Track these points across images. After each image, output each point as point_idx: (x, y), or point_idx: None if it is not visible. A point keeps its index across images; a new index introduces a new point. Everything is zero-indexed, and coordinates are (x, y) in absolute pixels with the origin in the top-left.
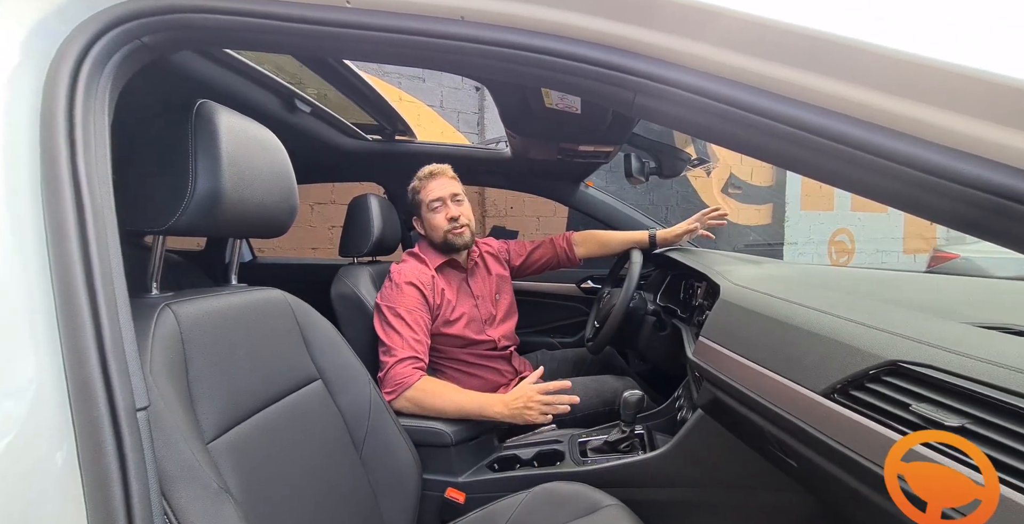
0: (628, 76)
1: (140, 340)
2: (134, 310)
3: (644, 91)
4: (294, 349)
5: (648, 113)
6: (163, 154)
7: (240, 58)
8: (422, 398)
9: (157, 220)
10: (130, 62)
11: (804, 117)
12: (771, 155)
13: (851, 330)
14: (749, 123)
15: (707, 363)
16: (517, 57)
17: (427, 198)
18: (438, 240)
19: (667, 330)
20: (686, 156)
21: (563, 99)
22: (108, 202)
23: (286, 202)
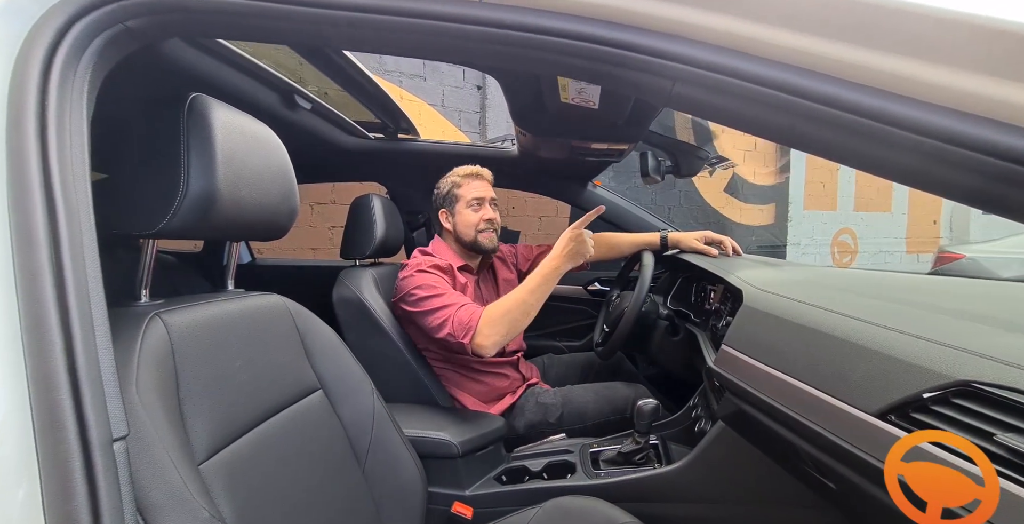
0: (668, 62)
1: (126, 353)
2: (121, 320)
3: (685, 79)
4: (294, 358)
5: (687, 103)
6: (153, 151)
7: (237, 51)
8: (494, 322)
9: (146, 222)
10: (113, 48)
11: (866, 102)
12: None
13: (908, 345)
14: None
15: (730, 373)
16: (543, 43)
17: (468, 195)
18: (468, 239)
19: (680, 335)
20: (704, 154)
21: (581, 93)
22: (85, 204)
23: (285, 203)
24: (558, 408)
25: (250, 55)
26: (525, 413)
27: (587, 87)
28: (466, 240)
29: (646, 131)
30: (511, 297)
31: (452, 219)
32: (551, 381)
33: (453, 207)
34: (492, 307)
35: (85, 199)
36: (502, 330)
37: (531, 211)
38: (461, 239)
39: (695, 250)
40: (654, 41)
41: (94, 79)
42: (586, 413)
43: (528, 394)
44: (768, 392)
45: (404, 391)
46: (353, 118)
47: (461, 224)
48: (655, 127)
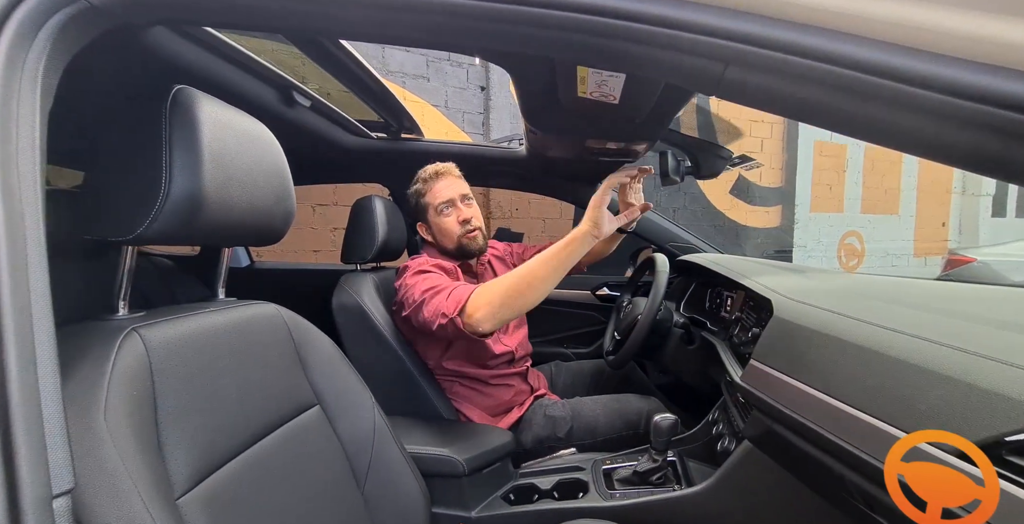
0: (720, 41)
1: (95, 374)
2: (93, 336)
3: (740, 60)
4: (289, 372)
5: (739, 91)
6: (132, 149)
7: (232, 43)
8: (490, 291)
9: (123, 227)
10: (75, 29)
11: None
12: (904, 139)
13: (994, 372)
14: (894, 97)
15: (760, 390)
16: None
17: (435, 201)
18: (451, 246)
19: (695, 343)
20: (727, 153)
21: (601, 86)
22: (32, 208)
23: (280, 205)
24: (567, 422)
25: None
26: (533, 427)
27: (609, 79)
28: (450, 248)
29: (666, 129)
30: (517, 269)
31: (430, 230)
32: (559, 391)
33: (426, 217)
34: (492, 281)
35: (33, 203)
36: (496, 299)
37: (535, 213)
38: (445, 248)
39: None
40: (704, 16)
41: (52, 64)
42: (597, 427)
43: (536, 406)
44: (807, 414)
45: (407, 404)
46: (355, 117)
47: (439, 233)
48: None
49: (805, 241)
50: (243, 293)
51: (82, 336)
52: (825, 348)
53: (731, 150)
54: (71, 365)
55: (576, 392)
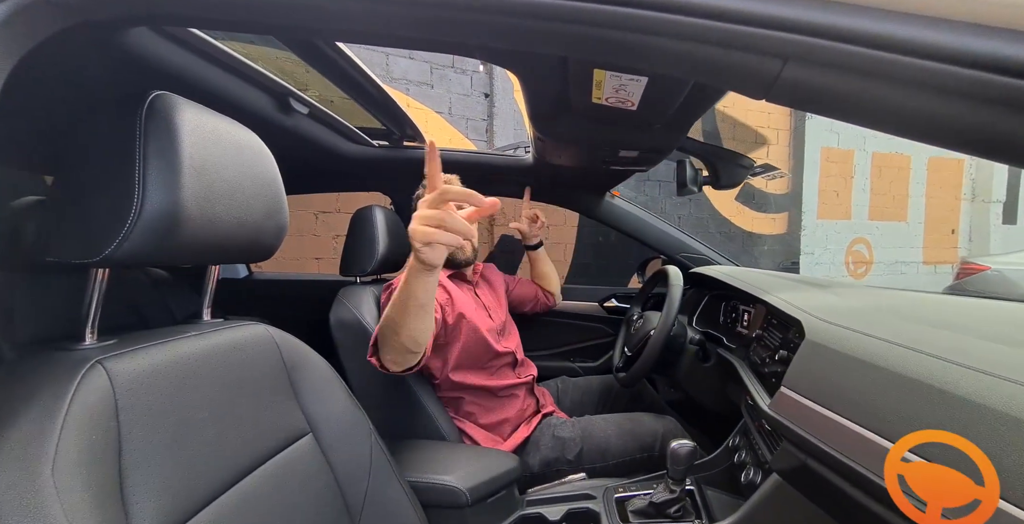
0: (778, 33)
1: (45, 418)
2: (51, 371)
3: (801, 56)
4: (279, 400)
5: (796, 92)
6: (102, 160)
7: (223, 48)
8: (380, 338)
9: (89, 248)
10: (23, 24)
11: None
12: None
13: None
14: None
15: (792, 420)
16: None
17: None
18: None
19: (711, 361)
20: (748, 163)
21: (618, 91)
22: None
23: (272, 220)
24: (577, 443)
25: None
26: (540, 448)
27: (629, 83)
28: None
29: (684, 136)
30: (385, 314)
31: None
32: (566, 408)
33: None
34: (380, 322)
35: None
36: (384, 349)
37: None
38: None
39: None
40: (761, 4)
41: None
42: (608, 449)
43: (544, 426)
44: (844, 449)
45: (407, 425)
46: (358, 125)
47: None
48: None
49: (812, 248)
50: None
51: (38, 371)
52: (864, 376)
53: (752, 159)
54: (20, 408)
55: (584, 410)
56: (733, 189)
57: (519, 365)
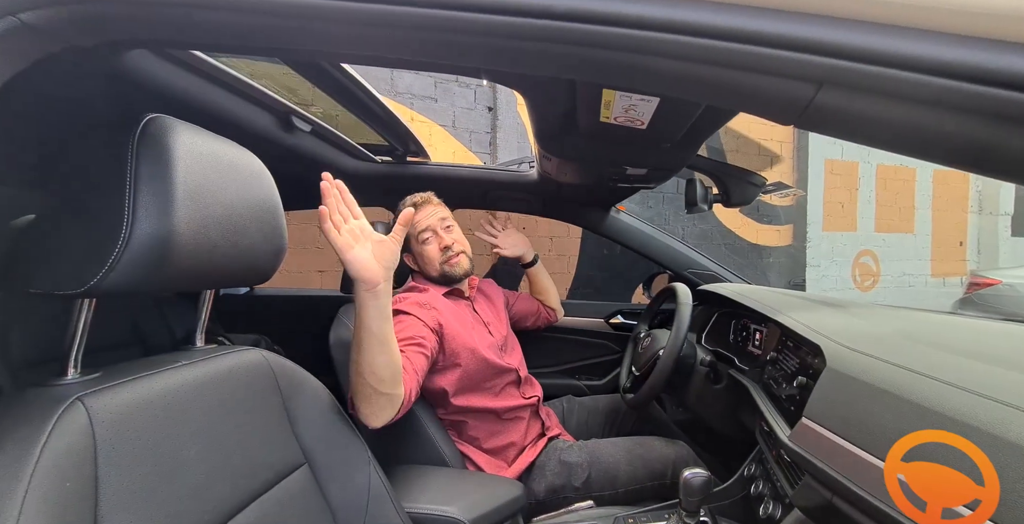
0: (814, 58)
1: (16, 466)
2: (27, 409)
3: (838, 80)
4: (274, 430)
5: (829, 118)
6: (91, 186)
7: (223, 68)
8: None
9: (74, 279)
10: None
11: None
12: None
13: None
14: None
15: (815, 455)
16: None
17: (415, 231)
18: (435, 273)
19: (723, 383)
20: (759, 180)
21: (628, 111)
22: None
23: (269, 243)
24: (584, 469)
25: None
26: (546, 474)
27: (640, 103)
28: (435, 275)
29: (694, 155)
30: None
31: (415, 260)
32: (572, 430)
33: (409, 247)
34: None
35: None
36: (358, 401)
37: (543, 232)
38: (429, 276)
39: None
40: (796, 26)
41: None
42: (618, 476)
43: (550, 450)
44: (872, 489)
45: (408, 450)
46: (362, 141)
47: (423, 262)
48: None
49: (818, 260)
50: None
51: (13, 410)
52: (892, 410)
53: (764, 177)
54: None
55: (591, 431)
56: None
57: (523, 383)
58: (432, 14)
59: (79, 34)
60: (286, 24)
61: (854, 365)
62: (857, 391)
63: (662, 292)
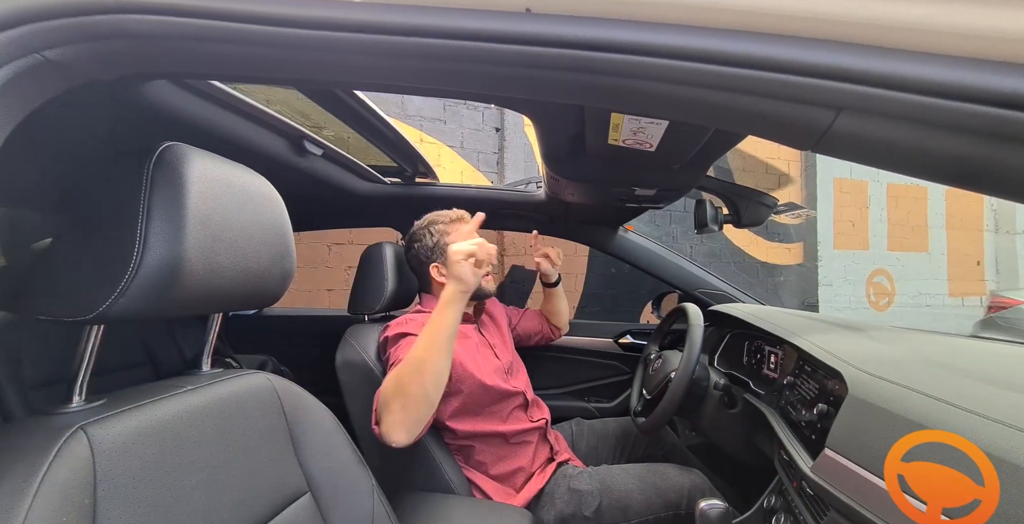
0: (832, 83)
1: (18, 494)
2: (28, 439)
3: (857, 106)
4: (278, 457)
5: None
6: (105, 216)
7: (238, 96)
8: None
9: (82, 306)
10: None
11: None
12: None
13: None
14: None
15: (841, 490)
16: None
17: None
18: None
19: (738, 407)
20: (771, 201)
21: (637, 134)
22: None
23: (278, 266)
24: (595, 497)
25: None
26: (555, 502)
27: (648, 126)
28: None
29: (703, 176)
30: (403, 359)
31: (442, 273)
32: (581, 455)
33: (444, 258)
34: (386, 379)
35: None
36: (396, 405)
37: None
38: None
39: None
40: (813, 53)
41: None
42: (630, 506)
43: (559, 476)
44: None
45: (413, 477)
46: (373, 163)
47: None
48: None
49: (831, 279)
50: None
51: (15, 439)
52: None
53: (775, 197)
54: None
55: (601, 456)
56: None
57: (531, 406)
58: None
59: (100, 69)
60: (299, 55)
61: (877, 393)
62: (883, 421)
63: (672, 312)
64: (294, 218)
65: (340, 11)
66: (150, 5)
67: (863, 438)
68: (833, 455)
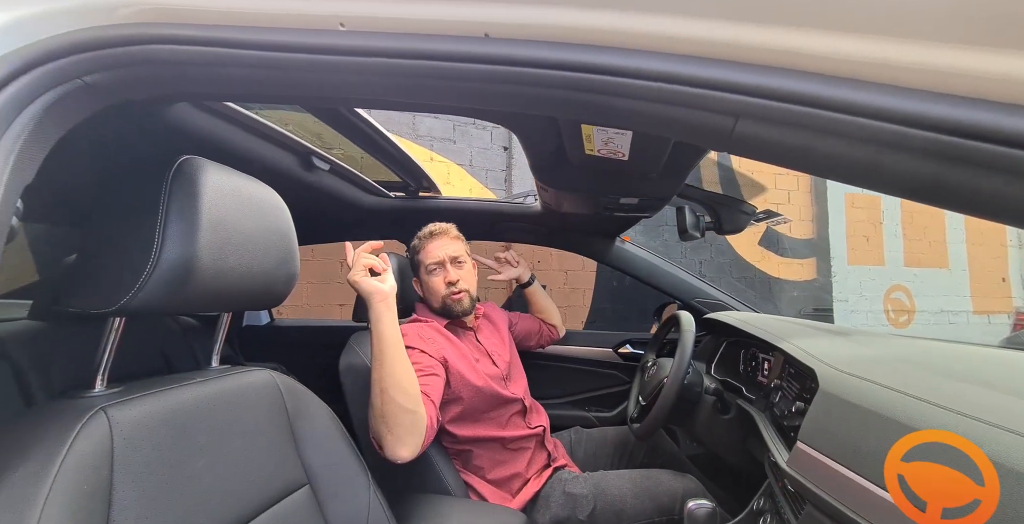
0: (729, 95)
1: (42, 466)
2: (55, 418)
3: (750, 113)
4: (279, 448)
5: (750, 145)
6: (128, 217)
7: (249, 114)
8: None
9: (105, 299)
10: (69, 106)
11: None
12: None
13: None
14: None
15: (811, 480)
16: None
17: (426, 260)
18: (436, 305)
19: (731, 413)
20: (749, 209)
21: (608, 143)
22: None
23: (283, 268)
24: (589, 501)
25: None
26: (550, 505)
27: (615, 137)
28: (436, 307)
29: (682, 184)
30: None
31: (421, 287)
32: (579, 462)
33: (418, 273)
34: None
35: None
36: (383, 428)
37: (556, 265)
38: (432, 306)
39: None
40: (712, 70)
41: (37, 138)
42: (624, 510)
43: (554, 480)
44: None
45: (410, 476)
46: (379, 178)
47: (427, 291)
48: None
49: (846, 295)
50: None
51: (45, 418)
52: (882, 432)
53: (754, 205)
54: (20, 454)
55: (599, 463)
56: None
57: (528, 412)
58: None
59: (131, 90)
60: (299, 76)
61: (846, 387)
62: (848, 413)
63: (667, 320)
64: (303, 231)
65: (331, 38)
66: (173, 36)
67: (832, 431)
68: (805, 448)
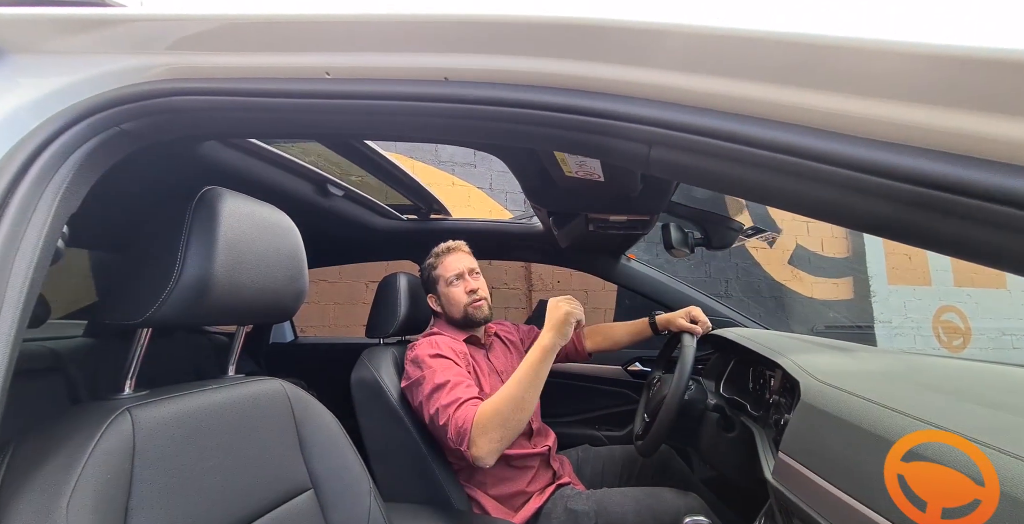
0: (638, 126)
1: (72, 458)
2: (86, 417)
3: (660, 141)
4: (285, 453)
5: (665, 167)
6: (156, 243)
7: (268, 148)
8: (485, 428)
9: (134, 312)
10: (109, 149)
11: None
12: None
13: None
14: (770, 164)
15: (792, 490)
16: (510, 115)
17: (445, 273)
18: (458, 315)
19: (735, 430)
20: (737, 225)
21: (582, 166)
22: (16, 296)
23: (292, 285)
24: (591, 518)
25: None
26: (552, 521)
27: (586, 160)
28: (457, 317)
29: (667, 202)
30: (501, 393)
31: (440, 301)
32: (586, 480)
33: (436, 288)
34: (484, 406)
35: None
36: (495, 435)
37: (576, 285)
38: (452, 317)
39: (682, 329)
40: (619, 105)
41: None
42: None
43: (557, 497)
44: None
45: (414, 488)
46: (392, 202)
47: (448, 303)
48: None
49: (888, 316)
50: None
51: (80, 417)
52: (857, 443)
53: (741, 222)
54: (56, 447)
55: (605, 482)
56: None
57: (535, 434)
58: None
59: (160, 134)
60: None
61: (824, 398)
62: (823, 424)
63: (673, 336)
64: (322, 253)
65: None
66: (190, 89)
67: (809, 442)
68: (786, 459)
